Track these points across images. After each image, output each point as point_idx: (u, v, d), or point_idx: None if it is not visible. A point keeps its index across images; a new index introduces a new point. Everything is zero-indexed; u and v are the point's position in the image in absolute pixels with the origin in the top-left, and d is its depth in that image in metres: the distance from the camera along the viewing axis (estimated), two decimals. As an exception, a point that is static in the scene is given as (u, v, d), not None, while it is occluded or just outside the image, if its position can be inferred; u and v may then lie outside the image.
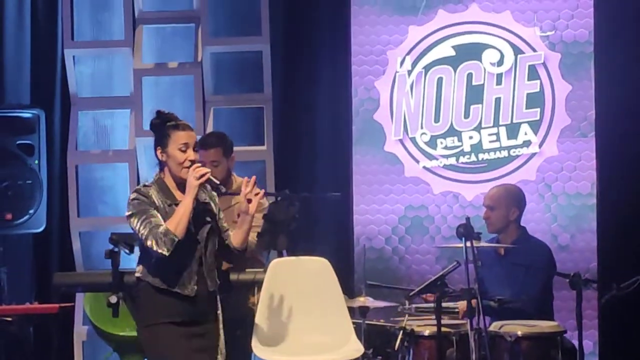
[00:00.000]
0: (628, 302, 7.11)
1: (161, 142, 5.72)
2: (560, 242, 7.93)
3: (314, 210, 7.85)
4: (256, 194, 5.93)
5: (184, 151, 5.68)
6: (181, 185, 5.74)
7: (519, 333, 6.42)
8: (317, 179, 8.55)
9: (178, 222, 5.59)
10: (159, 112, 5.92)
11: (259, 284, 6.43)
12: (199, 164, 5.83)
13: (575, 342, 6.72)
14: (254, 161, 8.09)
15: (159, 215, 5.67)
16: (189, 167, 5.67)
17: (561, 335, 6.57)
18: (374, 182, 8.35)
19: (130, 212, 5.70)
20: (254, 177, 5.88)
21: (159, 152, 5.72)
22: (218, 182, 6.01)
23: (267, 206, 6.80)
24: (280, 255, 6.54)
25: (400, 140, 8.24)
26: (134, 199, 5.74)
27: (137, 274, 5.88)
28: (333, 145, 8.62)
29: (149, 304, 5.87)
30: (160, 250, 5.55)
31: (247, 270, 6.59)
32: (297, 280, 6.40)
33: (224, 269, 6.27)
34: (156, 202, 5.74)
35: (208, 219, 5.93)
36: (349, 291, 6.93)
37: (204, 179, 5.65)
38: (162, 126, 5.81)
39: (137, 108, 8.11)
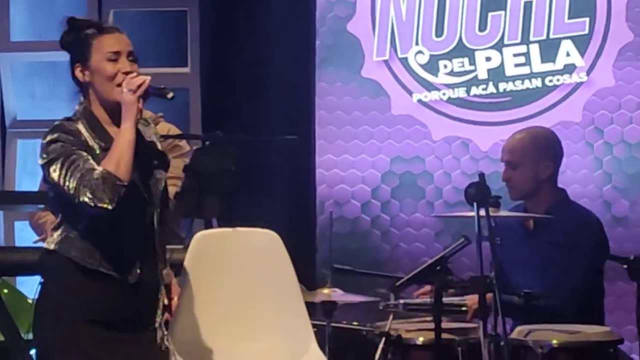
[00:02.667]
0: None
1: (80, 56, 5.41)
2: (616, 212, 8.06)
3: (259, 161, 7.95)
4: (138, 86, 5.29)
5: (115, 61, 5.35)
6: (116, 115, 5.42)
7: (555, 342, 6.27)
8: (266, 116, 8.78)
9: (118, 159, 5.31)
10: (71, 20, 5.58)
11: (176, 266, 6.05)
12: (134, 74, 5.43)
13: (636, 356, 6.97)
14: (173, 89, 7.79)
15: (90, 158, 5.36)
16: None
17: (615, 346, 6.48)
18: (347, 121, 8.60)
19: (48, 159, 5.39)
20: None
21: (78, 71, 5.37)
22: (163, 87, 5.65)
23: (189, 152, 7.10)
24: (208, 225, 6.51)
25: (386, 62, 8.45)
26: (53, 140, 5.44)
27: (49, 245, 5.56)
28: (289, 67, 8.82)
29: (64, 292, 5.56)
30: (100, 204, 5.22)
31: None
32: (234, 262, 6.22)
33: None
34: (88, 141, 5.44)
35: (156, 162, 5.75)
36: (309, 279, 7.01)
37: (142, 88, 5.30)
38: (78, 37, 5.54)
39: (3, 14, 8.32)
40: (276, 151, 8.45)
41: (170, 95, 5.60)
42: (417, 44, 8.33)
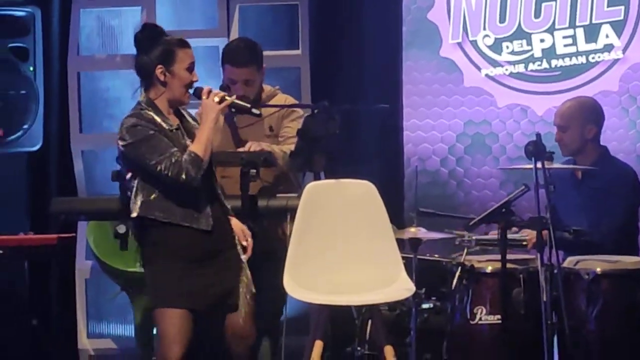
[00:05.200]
0: None
1: (164, 59, 5.86)
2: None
3: (357, 125, 7.91)
4: (220, 100, 6.05)
5: (190, 71, 5.93)
6: (174, 107, 6.07)
7: (598, 270, 6.37)
8: (362, 89, 8.60)
9: (205, 147, 5.90)
10: (149, 27, 6.29)
11: (292, 211, 6.38)
12: (217, 90, 6.17)
13: None
14: (287, 68, 8.16)
15: (165, 138, 5.92)
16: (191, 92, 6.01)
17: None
18: (428, 92, 8.40)
19: (130, 140, 5.86)
20: (207, 88, 6.08)
21: (159, 71, 5.82)
22: (249, 105, 6.30)
23: (302, 117, 6.91)
24: (317, 177, 6.45)
25: (459, 44, 8.31)
26: (134, 125, 5.88)
27: (133, 213, 6.04)
28: (380, 49, 8.65)
29: (153, 241, 6.12)
30: (184, 178, 5.84)
31: (278, 195, 6.69)
32: (337, 207, 6.28)
33: (252, 193, 6.40)
34: (162, 124, 5.93)
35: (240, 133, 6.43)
36: (398, 220, 6.94)
37: (225, 103, 5.99)
38: (159, 41, 5.99)
39: (150, 5, 8.18)
40: (371, 117, 8.35)
41: (257, 112, 6.47)
42: (484, 29, 8.30)
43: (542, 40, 8.28)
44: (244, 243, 6.08)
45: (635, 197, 7.16)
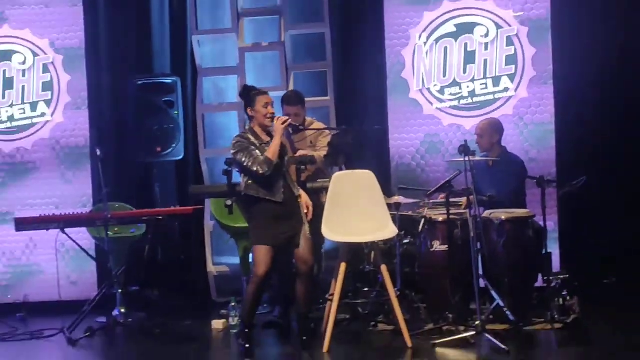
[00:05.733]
0: (577, 195, 7.20)
1: (250, 103, 6.17)
2: (530, 155, 7.86)
3: (362, 138, 7.38)
4: (283, 123, 6.14)
5: (266, 107, 6.11)
6: (265, 131, 6.18)
7: (503, 217, 6.57)
8: (365, 118, 8.31)
9: (274, 152, 5.99)
10: (245, 87, 6.50)
11: (326, 189, 6.56)
12: (286, 116, 6.34)
13: (542, 224, 6.78)
14: (321, 107, 8.04)
15: (256, 150, 6.03)
16: (271, 118, 6.12)
17: (532, 219, 6.73)
18: (403, 118, 8.13)
19: (235, 150, 6.17)
20: (284, 118, 6.22)
21: (248, 110, 6.18)
22: (297, 125, 6.60)
23: (329, 135, 7.04)
24: (340, 169, 6.63)
25: (420, 90, 8.05)
26: (237, 142, 6.21)
27: (242, 191, 6.27)
28: (375, 95, 8.35)
29: (251, 208, 6.28)
30: (262, 172, 5.96)
31: (318, 180, 6.86)
32: (352, 186, 6.41)
33: (303, 179, 6.59)
34: (254, 142, 6.11)
35: (285, 151, 6.33)
36: (387, 193, 6.92)
37: (286, 124, 6.13)
38: (249, 94, 6.23)
39: (242, 74, 8.06)
40: (371, 134, 7.88)
41: (301, 127, 6.69)
42: (434, 81, 7.89)
43: (468, 87, 8.03)
44: (305, 210, 6.20)
45: (522, 175, 7.20)
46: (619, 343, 5.81)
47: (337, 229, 6.29)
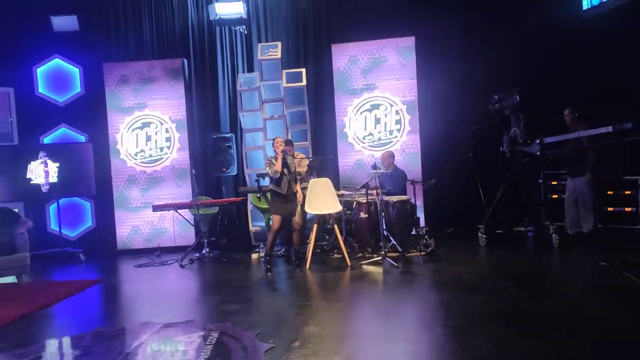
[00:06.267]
0: (432, 189, 7.11)
1: (273, 144, 6.09)
2: (409, 169, 7.42)
3: (324, 162, 7.22)
4: (282, 152, 5.99)
5: (279, 146, 6.00)
6: (282, 156, 5.99)
7: (395, 200, 6.37)
8: (326, 151, 7.83)
9: (278, 166, 5.91)
10: (275, 139, 6.21)
11: (306, 187, 6.39)
12: (284, 151, 6.11)
13: (414, 202, 6.74)
14: (303, 147, 7.64)
15: (274, 165, 5.92)
16: (281, 151, 5.99)
17: (409, 200, 6.56)
18: (345, 152, 7.81)
19: (266, 164, 6.10)
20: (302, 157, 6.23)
21: (273, 147, 6.08)
22: (290, 155, 6.31)
23: (309, 162, 6.86)
24: (314, 177, 6.49)
25: (353, 138, 7.80)
26: (267, 161, 6.10)
27: (269, 186, 6.17)
28: (331, 139, 8.00)
29: (271, 196, 6.16)
30: (272, 174, 5.95)
31: (303, 183, 6.55)
32: (320, 185, 6.28)
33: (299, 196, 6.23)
34: (274, 162, 5.99)
35: (290, 165, 6.10)
36: (337, 188, 6.81)
37: (282, 154, 5.98)
38: (273, 140, 6.12)
39: (264, 132, 7.73)
40: (329, 160, 7.44)
41: (290, 156, 6.23)
42: (359, 133, 7.68)
43: (376, 135, 7.72)
44: (299, 199, 6.11)
45: (405, 179, 7.02)
46: (456, 260, 5.89)
47: (313, 207, 6.16)
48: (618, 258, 5.19)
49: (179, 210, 7.28)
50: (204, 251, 7.07)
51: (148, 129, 8.12)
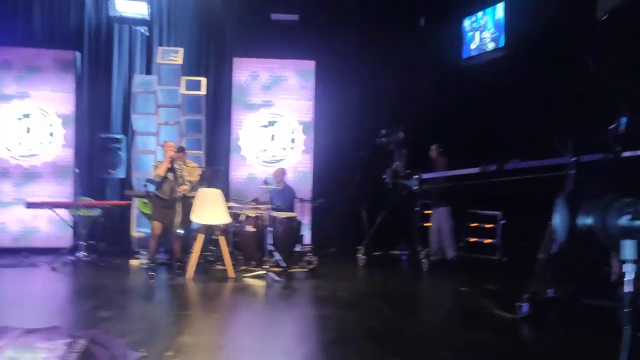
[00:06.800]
0: (320, 208, 7.46)
1: (164, 148, 6.02)
2: (299, 187, 7.56)
3: (217, 173, 7.08)
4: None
5: (169, 151, 5.95)
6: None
7: (283, 216, 6.47)
8: (219, 162, 7.82)
9: (162, 170, 5.87)
10: (165, 142, 6.23)
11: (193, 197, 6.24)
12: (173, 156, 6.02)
13: (300, 220, 6.96)
14: (196, 156, 7.56)
15: (160, 169, 5.85)
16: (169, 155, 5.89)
17: (295, 218, 6.73)
18: (237, 164, 7.87)
19: (153, 168, 6.06)
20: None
21: (164, 150, 6.00)
22: (179, 160, 6.14)
23: (201, 172, 6.72)
24: (205, 187, 6.31)
25: (247, 152, 7.87)
26: (154, 164, 6.10)
27: (152, 192, 6.10)
28: (225, 153, 8.01)
29: (154, 200, 6.03)
30: (155, 177, 5.91)
31: (192, 192, 6.30)
32: (210, 196, 6.11)
33: (183, 191, 6.13)
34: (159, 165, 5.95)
35: (177, 170, 6.03)
36: (227, 200, 6.57)
37: (169, 158, 5.91)
38: (164, 144, 6.06)
39: (158, 136, 7.68)
40: (221, 171, 7.40)
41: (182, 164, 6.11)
42: (254, 147, 7.79)
43: (271, 152, 7.85)
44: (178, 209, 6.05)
45: (293, 196, 7.19)
46: (335, 278, 6.08)
47: (200, 216, 6.02)
48: (477, 284, 5.60)
49: (56, 210, 6.97)
50: (79, 254, 6.75)
51: (28, 120, 7.65)
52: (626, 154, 3.63)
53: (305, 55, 7.99)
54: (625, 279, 1.10)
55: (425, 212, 7.46)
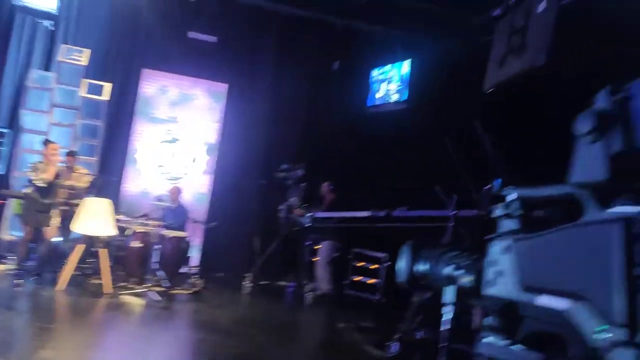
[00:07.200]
0: (213, 231, 7.34)
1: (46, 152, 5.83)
2: (194, 208, 7.63)
3: (109, 183, 6.94)
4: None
5: (52, 154, 5.80)
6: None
7: (172, 235, 6.43)
8: (112, 172, 7.57)
9: (48, 175, 5.62)
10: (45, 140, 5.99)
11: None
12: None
13: (189, 240, 6.85)
14: (90, 163, 7.36)
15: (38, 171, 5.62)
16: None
17: (185, 238, 6.68)
18: (132, 176, 7.75)
19: (31, 169, 5.79)
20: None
21: (43, 153, 5.83)
22: (69, 167, 6.06)
23: (92, 180, 6.53)
24: (94, 196, 6.05)
25: (145, 165, 7.77)
26: (32, 165, 5.79)
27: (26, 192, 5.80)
28: (120, 164, 7.78)
29: (27, 203, 5.77)
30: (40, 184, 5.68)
31: (76, 199, 6.06)
32: (97, 205, 5.83)
33: (67, 198, 6.00)
34: (43, 169, 5.72)
35: (60, 174, 5.85)
36: (116, 212, 6.32)
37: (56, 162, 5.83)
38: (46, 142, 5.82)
39: (49, 135, 7.12)
40: (112, 181, 7.23)
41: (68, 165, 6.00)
42: (151, 163, 7.72)
43: (169, 169, 7.81)
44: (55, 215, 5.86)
45: (186, 216, 7.03)
46: (217, 303, 5.94)
47: (81, 226, 5.78)
48: (354, 322, 5.75)
49: None
50: None
51: None
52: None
53: (219, 78, 8.03)
54: (443, 319, 1.26)
55: (315, 247, 7.67)
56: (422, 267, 1.34)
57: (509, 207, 1.24)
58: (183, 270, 6.74)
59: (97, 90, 7.50)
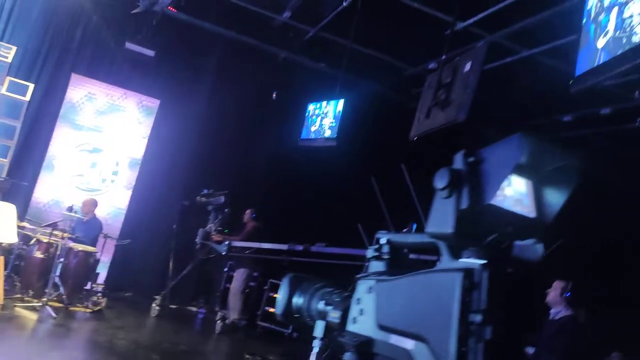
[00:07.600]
0: (125, 249, 7.02)
1: None
2: (108, 223, 7.33)
3: (18, 187, 6.67)
4: None
5: None
6: None
7: (79, 248, 6.10)
8: (24, 177, 7.11)
9: None
10: None
11: None
12: None
13: (98, 257, 6.48)
14: (1, 164, 6.90)
15: None
16: None
17: (94, 254, 6.32)
18: (46, 183, 7.33)
19: None
20: None
21: None
22: None
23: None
24: None
25: (60, 172, 7.41)
26: None
27: None
28: (34, 169, 7.34)
29: None
30: None
31: None
32: (1, 210, 5.39)
33: None
34: None
35: None
36: (21, 218, 6.14)
37: None
38: None
39: None
40: (20, 186, 7.25)
41: None
42: (63, 170, 7.39)
43: (90, 180, 7.41)
44: None
45: (99, 231, 6.70)
46: (120, 324, 5.72)
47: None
48: (261, 353, 5.73)
49: None
50: None
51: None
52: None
53: (152, 93, 7.90)
54: (311, 353, 1.31)
55: (231, 274, 7.56)
56: (298, 300, 1.39)
57: (380, 249, 1.31)
58: (87, 287, 6.51)
59: (21, 89, 7.17)
